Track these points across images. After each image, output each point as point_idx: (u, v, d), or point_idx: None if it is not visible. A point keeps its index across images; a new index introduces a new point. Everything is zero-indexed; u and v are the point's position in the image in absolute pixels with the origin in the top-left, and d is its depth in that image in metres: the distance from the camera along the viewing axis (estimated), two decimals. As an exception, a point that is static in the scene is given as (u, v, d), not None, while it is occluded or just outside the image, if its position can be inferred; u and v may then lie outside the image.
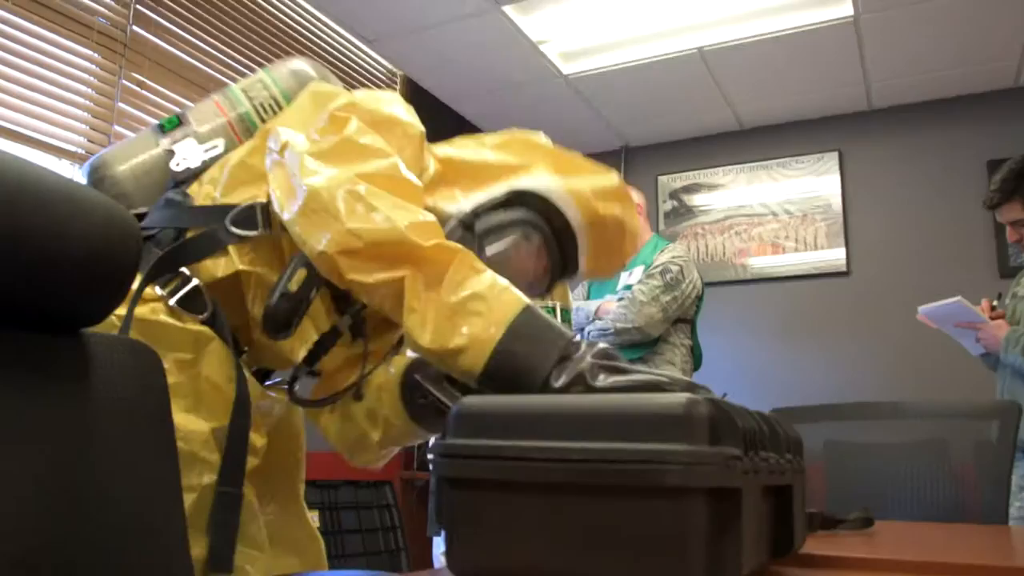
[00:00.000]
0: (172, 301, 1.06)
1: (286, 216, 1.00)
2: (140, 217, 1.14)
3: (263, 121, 1.21)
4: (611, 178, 1.21)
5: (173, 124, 1.21)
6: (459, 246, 0.93)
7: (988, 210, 2.65)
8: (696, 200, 4.77)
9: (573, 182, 1.18)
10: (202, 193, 1.14)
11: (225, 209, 1.10)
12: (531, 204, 1.17)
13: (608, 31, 3.78)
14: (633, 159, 4.99)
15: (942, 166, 4.23)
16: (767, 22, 3.69)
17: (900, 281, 4.16)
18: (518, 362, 0.83)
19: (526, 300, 0.89)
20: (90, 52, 2.70)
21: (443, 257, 0.91)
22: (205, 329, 1.07)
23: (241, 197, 1.11)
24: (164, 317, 1.05)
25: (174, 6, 3.01)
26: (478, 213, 1.16)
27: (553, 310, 2.08)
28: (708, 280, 3.50)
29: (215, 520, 0.99)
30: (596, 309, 2.91)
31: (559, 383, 0.81)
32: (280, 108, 1.22)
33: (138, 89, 2.85)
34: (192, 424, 1.02)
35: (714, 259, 4.66)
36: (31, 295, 0.69)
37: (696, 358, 3.05)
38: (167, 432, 0.78)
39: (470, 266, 0.91)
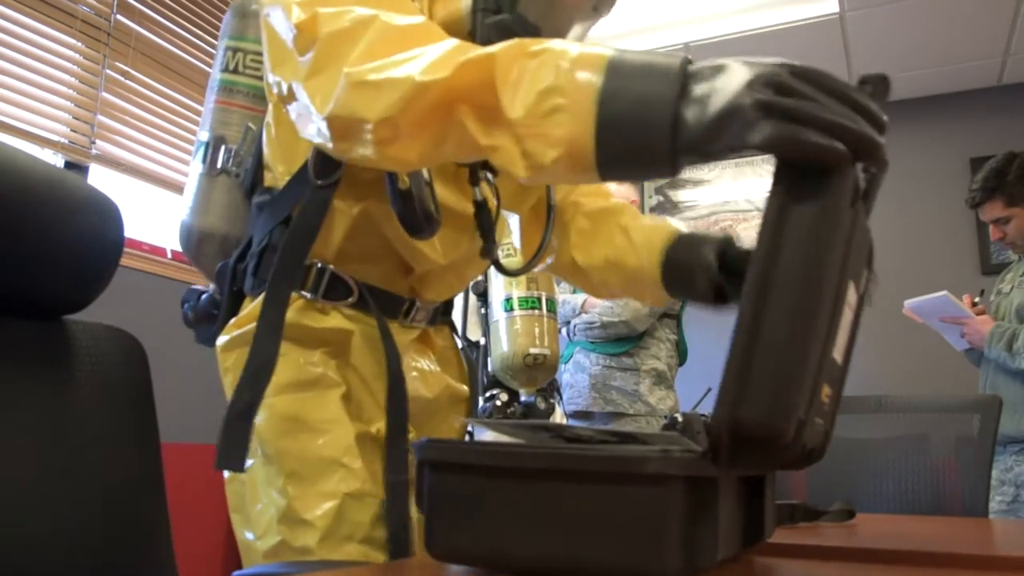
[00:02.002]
0: (319, 296, 1.01)
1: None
2: (250, 243, 1.07)
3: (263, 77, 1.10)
4: None
5: (206, 149, 1.13)
6: (480, 47, 0.73)
7: (971, 209, 2.68)
8: (681, 195, 4.78)
9: None
10: (278, 175, 1.06)
11: (303, 171, 1.01)
12: None
13: (595, 25, 3.77)
14: (620, 154, 4.99)
15: (926, 163, 4.26)
16: (753, 18, 3.70)
17: (883, 278, 4.12)
18: (630, 141, 0.64)
19: (606, 55, 0.66)
20: (73, 41, 2.68)
21: (474, 77, 0.71)
22: (345, 324, 1.03)
23: (306, 148, 1.01)
24: (299, 318, 1.01)
25: (159, -4, 2.99)
26: None
27: (539, 301, 2.09)
28: (694, 275, 3.50)
29: (388, 508, 0.97)
30: (583, 303, 2.91)
31: (692, 148, 0.62)
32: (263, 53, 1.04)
33: (122, 79, 2.82)
34: (336, 428, 0.98)
35: (700, 254, 4.66)
36: (12, 281, 0.69)
37: (681, 353, 3.06)
38: (150, 418, 0.77)
39: (514, 60, 0.70)
